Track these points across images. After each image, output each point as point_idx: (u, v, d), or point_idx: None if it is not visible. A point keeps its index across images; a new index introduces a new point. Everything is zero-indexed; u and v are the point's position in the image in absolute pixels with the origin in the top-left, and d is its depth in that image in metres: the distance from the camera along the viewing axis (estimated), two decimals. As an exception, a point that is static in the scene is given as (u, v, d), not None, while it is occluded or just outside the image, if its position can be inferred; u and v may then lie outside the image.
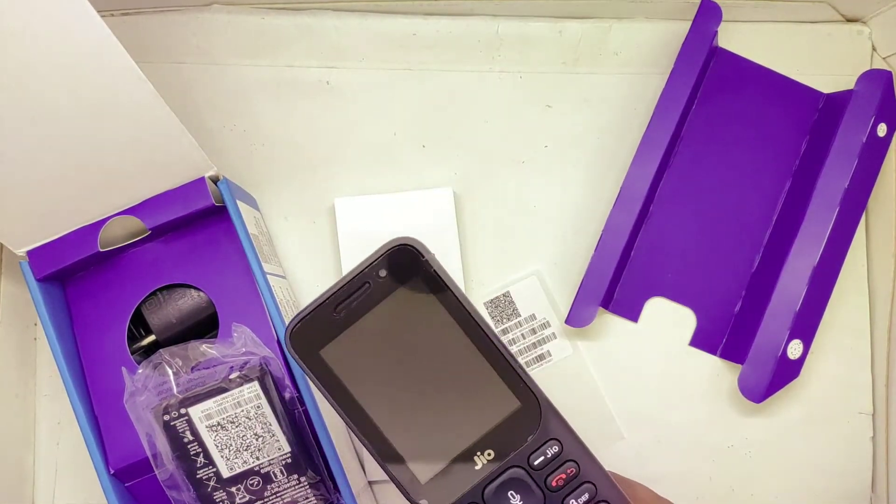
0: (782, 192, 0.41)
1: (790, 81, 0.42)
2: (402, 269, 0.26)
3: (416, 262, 0.26)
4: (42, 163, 0.32)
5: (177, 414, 0.32)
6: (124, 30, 0.41)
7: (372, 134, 0.42)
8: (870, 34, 0.43)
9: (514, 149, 0.43)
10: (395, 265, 0.26)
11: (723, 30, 0.41)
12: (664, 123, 0.40)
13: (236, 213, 0.35)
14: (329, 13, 0.42)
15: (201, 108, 0.42)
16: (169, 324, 0.36)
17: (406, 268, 0.26)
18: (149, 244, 0.36)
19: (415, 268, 0.26)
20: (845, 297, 0.42)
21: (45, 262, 0.34)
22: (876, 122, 0.39)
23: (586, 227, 0.42)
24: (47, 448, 0.40)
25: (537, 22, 0.43)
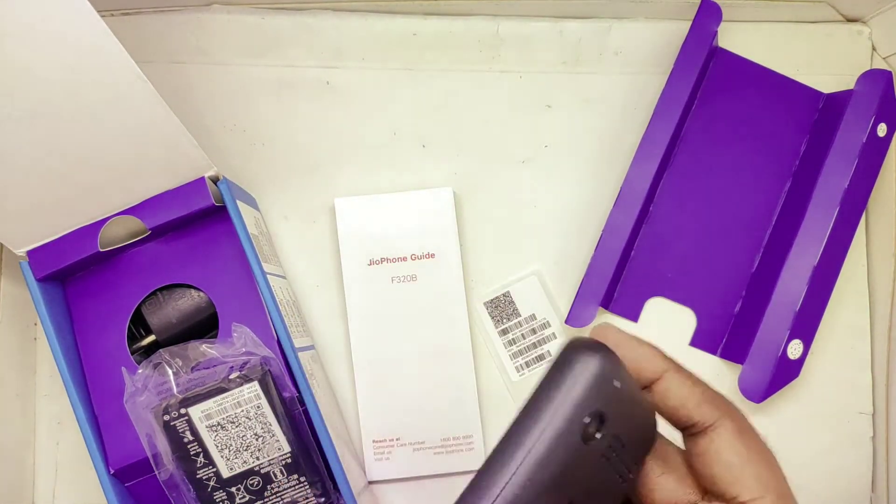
0: (782, 192, 0.41)
1: (790, 81, 0.42)
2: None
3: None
4: (42, 163, 0.32)
5: (177, 414, 0.32)
6: (124, 30, 0.41)
7: (372, 134, 0.42)
8: (870, 34, 0.43)
9: (514, 149, 0.43)
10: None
11: (723, 30, 0.41)
12: (664, 123, 0.40)
13: (236, 213, 0.35)
14: (329, 13, 0.42)
15: (201, 108, 0.42)
16: (169, 324, 0.36)
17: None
18: (149, 244, 0.36)
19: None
20: (845, 297, 0.42)
21: (45, 261, 0.34)
22: (876, 121, 0.39)
23: (586, 227, 0.42)
24: (47, 448, 0.40)
25: (537, 22, 0.43)
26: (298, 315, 0.39)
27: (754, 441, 0.22)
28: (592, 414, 0.20)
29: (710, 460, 0.22)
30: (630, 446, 0.21)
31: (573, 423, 0.20)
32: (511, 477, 0.20)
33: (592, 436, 0.20)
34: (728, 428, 0.22)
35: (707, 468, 0.22)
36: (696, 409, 0.22)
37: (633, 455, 0.22)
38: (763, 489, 0.21)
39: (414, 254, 0.41)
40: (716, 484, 0.22)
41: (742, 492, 0.21)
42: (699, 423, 0.22)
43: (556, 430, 0.20)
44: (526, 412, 0.21)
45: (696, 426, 0.22)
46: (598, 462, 0.21)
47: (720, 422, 0.22)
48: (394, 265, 0.40)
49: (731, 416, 0.22)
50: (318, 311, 0.41)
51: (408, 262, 0.40)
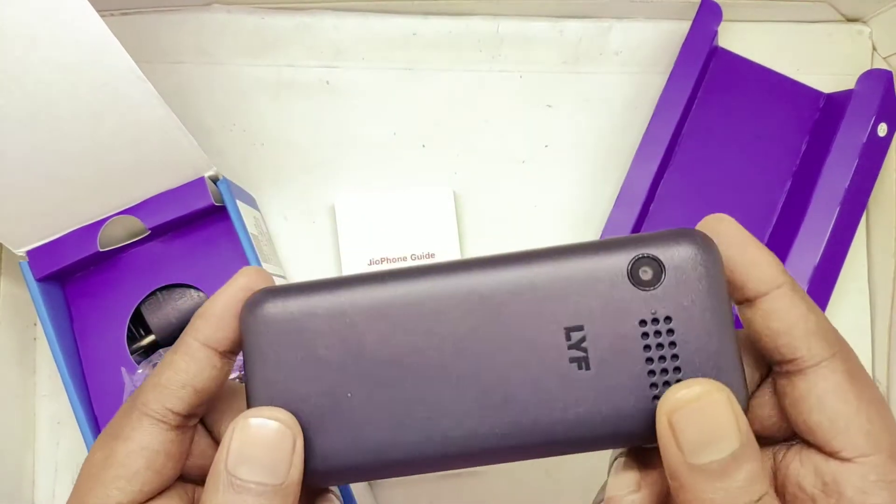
0: (783, 192, 0.41)
1: (790, 81, 0.42)
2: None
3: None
4: (42, 163, 0.32)
5: (176, 414, 0.32)
6: (124, 30, 0.41)
7: (372, 134, 0.42)
8: (870, 34, 0.43)
9: (514, 149, 0.43)
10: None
11: (723, 30, 0.41)
12: (664, 123, 0.39)
13: (236, 213, 0.35)
14: (329, 13, 0.42)
15: (201, 108, 0.42)
16: (168, 323, 0.36)
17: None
18: (148, 244, 0.36)
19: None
20: (846, 297, 0.42)
21: (44, 262, 0.34)
22: (876, 121, 0.38)
23: (587, 227, 0.42)
24: (47, 448, 0.40)
25: (537, 22, 0.43)
26: (298, 315, 0.39)
27: (867, 389, 0.18)
28: (646, 258, 0.18)
29: (811, 406, 0.18)
30: (684, 364, 0.18)
31: (625, 251, 0.18)
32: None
33: (640, 277, 0.18)
34: (838, 370, 0.18)
35: (804, 415, 0.18)
36: (802, 339, 0.18)
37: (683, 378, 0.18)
38: (873, 447, 0.17)
39: (414, 254, 0.41)
40: (813, 433, 0.18)
41: (846, 447, 0.18)
42: (802, 359, 0.18)
43: (605, 250, 0.19)
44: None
45: (796, 362, 0.18)
46: (633, 326, 0.18)
47: (829, 361, 0.18)
48: (394, 265, 0.40)
49: (843, 356, 0.18)
50: (317, 311, 0.41)
51: (408, 262, 0.40)
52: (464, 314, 0.19)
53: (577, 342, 0.18)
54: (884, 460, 0.17)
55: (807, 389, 0.18)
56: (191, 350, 0.20)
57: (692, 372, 0.18)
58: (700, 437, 0.16)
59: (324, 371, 0.19)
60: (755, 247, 0.19)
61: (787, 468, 0.19)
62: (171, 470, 0.20)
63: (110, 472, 0.19)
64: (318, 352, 0.19)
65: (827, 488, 0.18)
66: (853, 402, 0.18)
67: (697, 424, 0.16)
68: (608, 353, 0.18)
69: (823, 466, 0.18)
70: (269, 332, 0.19)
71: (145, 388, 0.20)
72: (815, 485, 0.18)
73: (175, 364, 0.20)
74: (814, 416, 0.18)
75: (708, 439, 0.16)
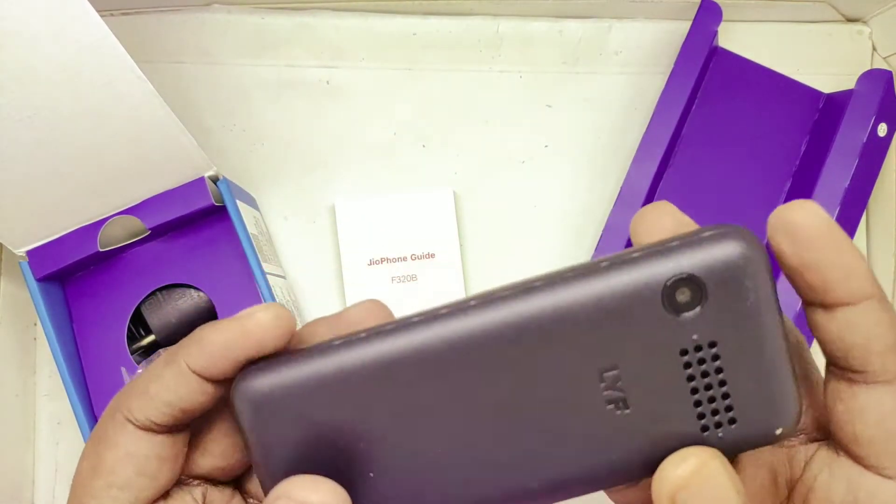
0: (783, 192, 0.41)
1: (790, 81, 0.42)
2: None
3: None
4: (42, 162, 0.32)
5: (176, 414, 0.32)
6: (124, 30, 0.41)
7: (372, 134, 0.42)
8: (870, 34, 0.43)
9: (514, 149, 0.43)
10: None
11: (723, 30, 0.41)
12: (664, 123, 0.39)
13: (236, 213, 0.35)
14: (329, 13, 0.42)
15: (201, 107, 0.42)
16: (168, 323, 0.36)
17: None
18: (148, 244, 0.36)
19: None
20: (846, 297, 0.42)
21: (44, 261, 0.34)
22: (876, 121, 0.38)
23: (587, 227, 0.42)
24: (47, 448, 0.40)
25: (537, 22, 0.43)
26: (298, 315, 0.39)
27: None
28: (684, 279, 0.15)
29: (868, 420, 0.17)
30: (735, 396, 0.16)
31: (658, 272, 0.16)
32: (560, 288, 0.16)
33: (677, 300, 0.16)
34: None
35: (857, 426, 0.17)
36: (878, 356, 0.16)
37: (736, 416, 0.16)
38: None
39: (414, 254, 0.41)
40: (859, 445, 0.17)
41: (893, 465, 0.17)
42: (873, 374, 0.17)
43: (634, 271, 0.16)
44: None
45: (866, 375, 0.17)
46: (673, 356, 0.16)
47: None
48: (394, 265, 0.40)
49: None
50: (318, 311, 0.41)
51: (408, 262, 0.40)
52: (483, 365, 0.16)
53: (613, 383, 0.16)
54: None
55: (869, 403, 0.17)
56: (181, 372, 0.18)
57: (743, 400, 0.16)
58: None
59: (339, 452, 0.17)
60: (848, 249, 0.16)
61: (815, 479, 0.18)
62: (168, 472, 0.19)
63: (101, 481, 0.18)
64: (329, 431, 0.17)
65: (858, 502, 0.17)
66: None
67: (701, 500, 0.15)
68: (648, 391, 0.16)
69: (859, 480, 0.17)
70: (270, 417, 0.17)
71: (131, 392, 0.19)
72: (846, 499, 0.17)
73: (164, 380, 0.18)
74: (869, 431, 0.17)
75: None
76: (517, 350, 0.16)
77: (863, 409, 0.17)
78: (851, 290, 0.16)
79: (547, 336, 0.16)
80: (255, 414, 0.17)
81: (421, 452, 0.17)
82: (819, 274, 0.16)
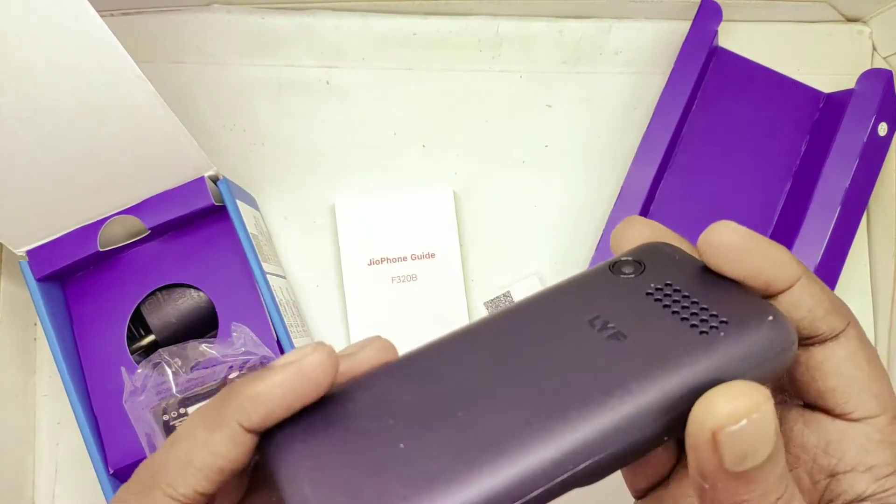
0: (783, 192, 0.41)
1: (790, 81, 0.42)
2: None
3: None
4: (42, 162, 0.32)
5: (176, 414, 0.32)
6: (124, 30, 0.41)
7: (372, 134, 0.42)
8: (870, 34, 0.43)
9: (514, 149, 0.43)
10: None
11: (723, 30, 0.41)
12: (664, 123, 0.39)
13: (236, 213, 0.35)
14: (329, 13, 0.42)
15: (201, 107, 0.42)
16: (168, 323, 0.36)
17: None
18: (148, 244, 0.36)
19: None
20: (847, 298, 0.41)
21: (44, 261, 0.34)
22: (876, 121, 0.38)
23: (587, 227, 0.42)
24: (47, 448, 0.40)
25: (537, 22, 0.43)
26: (298, 315, 0.39)
27: (875, 357, 0.19)
28: (623, 260, 0.20)
29: (827, 373, 0.19)
30: (713, 308, 0.18)
31: (602, 265, 0.20)
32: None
33: (623, 272, 0.19)
34: (853, 338, 0.19)
35: (819, 381, 0.19)
36: (823, 318, 0.19)
37: (725, 318, 0.17)
38: (881, 408, 0.19)
39: (414, 254, 0.41)
40: (824, 398, 0.19)
41: (858, 408, 0.19)
42: (822, 335, 0.19)
43: (586, 272, 0.20)
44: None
45: (817, 337, 0.19)
46: (641, 297, 0.19)
47: (846, 331, 0.19)
48: (394, 265, 0.40)
49: (855, 326, 0.19)
50: (318, 311, 0.41)
51: (408, 262, 0.40)
52: (494, 347, 0.18)
53: (603, 324, 0.18)
54: (888, 421, 0.19)
55: (824, 357, 0.19)
56: (235, 434, 0.17)
57: (721, 308, 0.18)
58: (745, 450, 0.16)
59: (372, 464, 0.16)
60: (771, 245, 0.19)
61: (791, 430, 0.20)
62: None
63: None
64: (369, 475, 0.16)
65: (830, 447, 0.19)
66: (865, 367, 0.19)
67: (746, 441, 0.15)
68: (637, 322, 0.18)
69: (829, 426, 0.19)
70: (313, 471, 0.16)
71: (167, 465, 0.17)
72: (819, 444, 0.19)
73: (214, 446, 0.17)
74: (829, 382, 0.19)
75: (753, 451, 0.16)
76: (521, 326, 0.18)
77: (819, 364, 0.19)
78: (786, 275, 0.19)
79: (534, 315, 0.19)
80: (300, 468, 0.16)
81: (451, 422, 0.17)
82: (757, 274, 0.18)
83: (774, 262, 0.19)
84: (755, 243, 0.19)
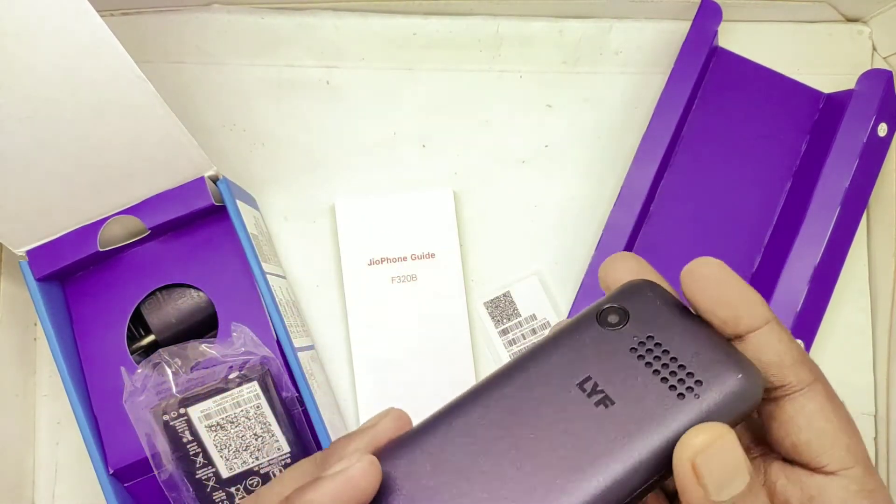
0: (783, 192, 0.41)
1: (790, 81, 0.42)
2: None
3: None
4: (42, 162, 0.32)
5: (176, 414, 0.32)
6: (124, 30, 0.41)
7: (372, 134, 0.42)
8: (870, 34, 0.43)
9: (514, 149, 0.43)
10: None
11: (723, 30, 0.41)
12: (664, 123, 0.39)
13: (236, 213, 0.35)
14: (329, 13, 0.42)
15: (201, 107, 0.42)
16: (168, 323, 0.36)
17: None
18: (148, 244, 0.36)
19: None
20: (846, 297, 0.42)
21: (44, 261, 0.34)
22: (876, 121, 0.38)
23: (587, 227, 0.42)
24: (47, 448, 0.40)
25: (537, 22, 0.43)
26: (298, 315, 0.39)
27: (842, 409, 0.20)
28: (608, 308, 0.21)
29: (799, 426, 0.20)
30: (690, 366, 0.19)
31: (588, 313, 0.21)
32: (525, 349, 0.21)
33: (609, 322, 0.21)
34: (821, 392, 0.20)
35: (793, 435, 0.20)
36: (791, 368, 0.19)
37: (700, 378, 0.19)
38: (853, 459, 0.19)
39: (414, 254, 0.41)
40: (799, 452, 0.20)
41: (831, 461, 0.19)
42: (791, 385, 0.20)
43: (571, 320, 0.21)
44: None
45: (785, 388, 0.20)
46: (626, 354, 0.20)
47: (813, 385, 0.20)
48: (394, 265, 0.40)
49: (822, 381, 0.20)
50: (318, 311, 0.41)
51: (408, 262, 0.40)
52: (491, 419, 0.20)
53: (593, 389, 0.20)
54: (862, 472, 0.19)
55: (794, 411, 0.20)
56: None
57: (698, 366, 0.19)
58: (722, 477, 0.18)
59: None
60: (744, 285, 0.20)
61: (774, 485, 0.21)
62: None
63: None
64: None
65: (813, 501, 0.20)
66: (835, 420, 0.20)
67: (719, 465, 0.18)
68: (623, 385, 0.20)
69: (809, 481, 0.20)
70: None
71: None
72: (802, 499, 0.20)
73: None
74: (802, 435, 0.20)
75: (729, 478, 0.18)
76: (515, 398, 0.20)
77: (791, 418, 0.20)
78: (755, 315, 0.20)
79: (531, 382, 0.20)
80: None
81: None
82: (726, 309, 0.20)
83: (746, 299, 0.20)
84: (730, 278, 0.20)
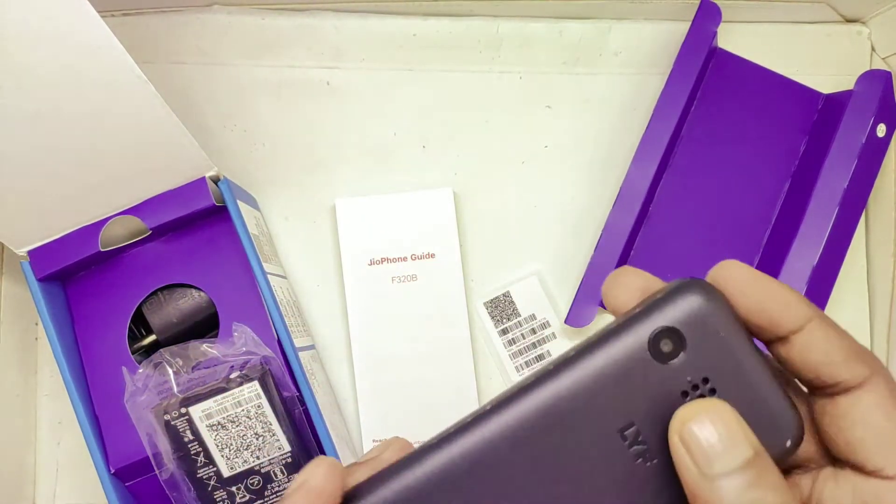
0: (782, 193, 0.41)
1: (790, 82, 0.42)
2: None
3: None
4: (43, 163, 0.32)
5: (177, 413, 0.33)
6: (124, 30, 0.41)
7: (372, 134, 0.42)
8: (869, 34, 0.44)
9: (514, 149, 0.43)
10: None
11: (722, 30, 0.41)
12: (664, 123, 0.40)
13: (237, 213, 0.35)
14: (329, 13, 0.42)
15: (201, 108, 0.42)
16: (169, 323, 0.36)
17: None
18: (149, 244, 0.36)
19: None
20: (845, 298, 0.42)
21: (45, 261, 0.34)
22: (875, 122, 0.39)
23: (586, 227, 0.42)
24: (48, 447, 0.40)
25: (537, 22, 0.43)
26: (299, 315, 0.39)
27: None
28: (663, 331, 0.18)
29: (853, 422, 0.18)
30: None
31: (639, 332, 0.18)
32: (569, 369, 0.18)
33: (662, 351, 0.18)
34: (880, 387, 0.18)
35: (846, 432, 0.18)
36: (843, 364, 0.18)
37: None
38: None
39: (414, 254, 0.41)
40: (854, 451, 0.18)
41: (888, 465, 0.17)
42: (844, 382, 0.18)
43: (620, 337, 0.18)
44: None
45: (838, 385, 0.18)
46: (676, 399, 0.18)
47: (871, 380, 0.18)
48: (394, 265, 0.40)
49: (882, 375, 0.18)
50: (318, 311, 0.41)
51: (408, 262, 0.41)
52: (515, 462, 0.18)
53: (634, 438, 0.18)
54: None
55: (849, 406, 0.18)
56: None
57: (748, 421, 0.18)
58: (713, 445, 0.16)
59: None
60: (778, 286, 0.19)
61: (822, 492, 0.19)
62: None
63: None
64: None
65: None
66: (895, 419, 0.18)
67: (708, 432, 0.16)
68: (666, 440, 0.18)
69: (863, 486, 0.18)
70: None
71: None
72: (854, 503, 0.18)
73: None
74: (857, 433, 0.18)
75: (722, 447, 0.16)
76: (545, 438, 0.18)
77: (845, 414, 0.18)
78: (795, 316, 0.18)
79: (565, 418, 0.18)
80: None
81: None
82: (764, 312, 0.18)
83: (782, 300, 0.18)
84: (759, 280, 0.18)
